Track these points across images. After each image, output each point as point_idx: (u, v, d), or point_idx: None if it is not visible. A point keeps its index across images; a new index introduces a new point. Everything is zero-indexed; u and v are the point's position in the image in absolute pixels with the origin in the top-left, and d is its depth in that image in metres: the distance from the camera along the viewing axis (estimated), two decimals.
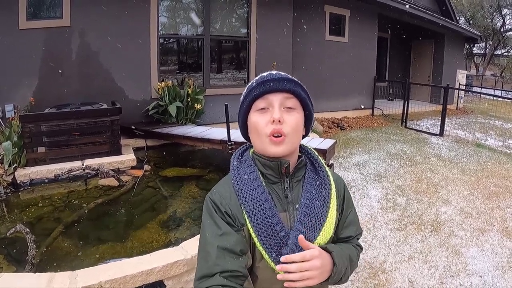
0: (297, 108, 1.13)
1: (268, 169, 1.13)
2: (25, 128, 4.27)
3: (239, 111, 1.19)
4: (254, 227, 1.05)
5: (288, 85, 1.11)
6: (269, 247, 1.05)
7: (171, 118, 6.24)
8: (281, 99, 1.10)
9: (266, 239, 1.05)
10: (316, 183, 1.16)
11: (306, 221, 1.09)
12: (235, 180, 1.12)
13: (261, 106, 1.11)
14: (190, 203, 4.07)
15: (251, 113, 1.14)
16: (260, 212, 1.05)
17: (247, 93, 1.15)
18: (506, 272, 3.39)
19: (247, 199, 1.07)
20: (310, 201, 1.12)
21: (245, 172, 1.12)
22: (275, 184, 1.14)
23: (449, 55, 13.78)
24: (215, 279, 0.99)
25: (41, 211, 3.61)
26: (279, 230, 1.05)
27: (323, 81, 9.41)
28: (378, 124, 10.11)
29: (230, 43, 8.01)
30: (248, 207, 1.06)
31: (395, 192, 5.14)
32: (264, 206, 1.06)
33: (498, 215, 4.54)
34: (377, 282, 3.16)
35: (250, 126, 1.15)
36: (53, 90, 5.50)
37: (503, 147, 8.32)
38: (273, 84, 1.10)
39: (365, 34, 10.45)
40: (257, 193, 1.07)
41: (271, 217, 1.05)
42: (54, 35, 5.47)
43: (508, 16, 27.95)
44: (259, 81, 1.13)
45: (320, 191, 1.14)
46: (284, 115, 1.08)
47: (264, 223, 1.05)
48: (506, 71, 29.08)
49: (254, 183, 1.09)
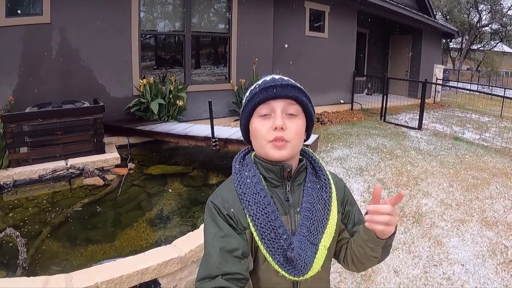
0: (299, 114, 1.14)
1: (270, 173, 1.14)
2: (7, 128, 4.17)
3: (241, 115, 1.19)
4: (258, 230, 1.07)
5: (291, 91, 1.11)
6: (273, 250, 1.06)
7: (153, 115, 6.20)
8: (283, 106, 1.10)
9: (270, 242, 1.06)
10: (317, 186, 1.18)
11: (309, 225, 1.11)
12: (237, 183, 1.12)
13: (264, 112, 1.11)
14: (176, 200, 4.08)
15: (253, 118, 1.15)
16: (264, 216, 1.06)
17: (249, 97, 1.15)
18: (486, 260, 3.52)
19: (251, 202, 1.08)
20: (311, 205, 1.13)
21: (247, 176, 1.13)
22: (277, 188, 1.15)
23: (427, 50, 14.05)
24: (216, 281, 0.99)
25: (27, 213, 3.55)
26: (281, 233, 1.06)
27: (303, 77, 9.38)
28: (358, 119, 10.25)
29: (211, 39, 7.99)
30: (251, 211, 1.07)
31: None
32: (267, 209, 1.07)
33: (477, 206, 4.69)
34: (364, 273, 3.23)
35: (252, 131, 1.16)
36: (33, 88, 5.39)
37: (480, 140, 8.57)
38: (276, 90, 1.10)
39: (345, 30, 10.55)
40: (260, 197, 1.08)
41: (274, 220, 1.07)
42: (34, 32, 5.34)
43: (484, 12, 28.54)
44: (262, 86, 1.13)
45: (321, 194, 1.16)
46: (286, 121, 1.09)
47: (267, 226, 1.06)
48: (482, 65, 29.76)
49: (256, 187, 1.10)
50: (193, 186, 4.52)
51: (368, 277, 3.21)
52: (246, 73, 7.68)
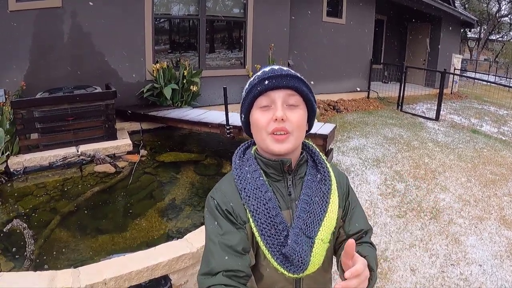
0: (300, 105, 1.11)
1: (270, 168, 1.13)
2: (17, 114, 4.11)
3: (241, 107, 1.16)
4: (258, 226, 1.05)
5: (291, 82, 1.08)
6: (272, 247, 1.05)
7: (166, 101, 6.12)
8: (283, 96, 1.08)
9: (270, 238, 1.04)
10: (317, 179, 1.15)
11: (305, 217, 1.07)
12: (238, 178, 1.11)
13: (264, 103, 1.08)
14: (188, 189, 4.01)
15: (253, 110, 1.12)
16: (264, 211, 1.05)
17: (249, 89, 1.12)
18: (504, 261, 3.41)
19: (251, 198, 1.06)
20: (309, 197, 1.10)
21: (247, 171, 1.11)
22: (278, 182, 1.13)
23: (445, 39, 13.65)
24: (218, 278, 0.99)
25: (37, 200, 3.50)
26: (281, 230, 1.05)
27: (319, 63, 9.30)
28: (374, 107, 10.06)
29: (225, 23, 7.82)
30: (251, 206, 1.06)
31: (394, 177, 5.12)
32: (268, 205, 1.05)
33: (495, 203, 4.55)
34: (379, 271, 3.16)
35: (252, 123, 1.13)
36: (44, 73, 5.32)
37: (498, 134, 8.33)
38: (275, 81, 1.07)
39: (363, 16, 10.29)
40: (260, 192, 1.07)
41: (275, 216, 1.05)
42: (45, 16, 5.24)
43: (504, 1, 27.74)
44: (261, 77, 1.10)
45: (320, 186, 1.12)
46: (287, 112, 1.07)
47: (267, 222, 1.04)
48: (500, 56, 29.04)
49: (257, 182, 1.09)
50: (206, 174, 4.43)
51: (384, 275, 3.12)
52: (262, 58, 7.51)
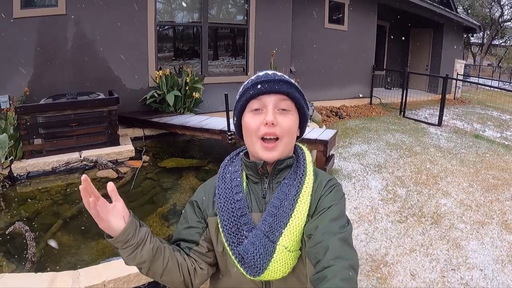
0: (292, 110, 1.12)
1: (249, 170, 1.16)
2: (21, 120, 4.17)
3: (234, 110, 1.19)
4: (221, 222, 1.09)
5: (283, 87, 1.10)
6: (232, 244, 1.07)
7: (169, 107, 6.16)
8: (275, 101, 1.09)
9: (230, 236, 1.08)
10: (293, 183, 1.12)
11: (271, 221, 1.06)
12: (218, 177, 1.19)
13: (255, 107, 1.11)
14: (189, 195, 4.02)
15: (245, 113, 1.14)
16: (229, 210, 1.09)
17: (242, 92, 1.15)
18: (505, 266, 3.40)
19: (221, 196, 1.12)
20: (280, 201, 1.09)
21: (230, 171, 1.18)
22: (256, 184, 1.16)
23: (448, 44, 13.68)
24: None
25: (39, 205, 3.55)
26: (245, 230, 1.07)
27: (321, 69, 9.34)
28: (377, 113, 10.08)
29: (228, 30, 7.89)
30: (219, 204, 1.12)
31: (395, 183, 5.13)
32: (235, 205, 1.09)
33: (497, 208, 4.54)
34: (379, 275, 3.16)
35: (244, 126, 1.15)
36: (48, 80, 5.38)
37: (501, 139, 8.31)
38: (268, 85, 1.09)
39: (365, 23, 10.35)
40: (231, 193, 1.12)
41: (240, 216, 1.08)
42: (49, 23, 5.32)
43: (507, 6, 27.83)
44: (254, 81, 1.12)
45: (291, 191, 1.10)
46: (278, 117, 1.09)
47: (230, 220, 1.08)
48: (504, 61, 29.00)
49: (233, 183, 1.14)
50: None
51: (384, 280, 3.12)
52: (264, 65, 7.53)
